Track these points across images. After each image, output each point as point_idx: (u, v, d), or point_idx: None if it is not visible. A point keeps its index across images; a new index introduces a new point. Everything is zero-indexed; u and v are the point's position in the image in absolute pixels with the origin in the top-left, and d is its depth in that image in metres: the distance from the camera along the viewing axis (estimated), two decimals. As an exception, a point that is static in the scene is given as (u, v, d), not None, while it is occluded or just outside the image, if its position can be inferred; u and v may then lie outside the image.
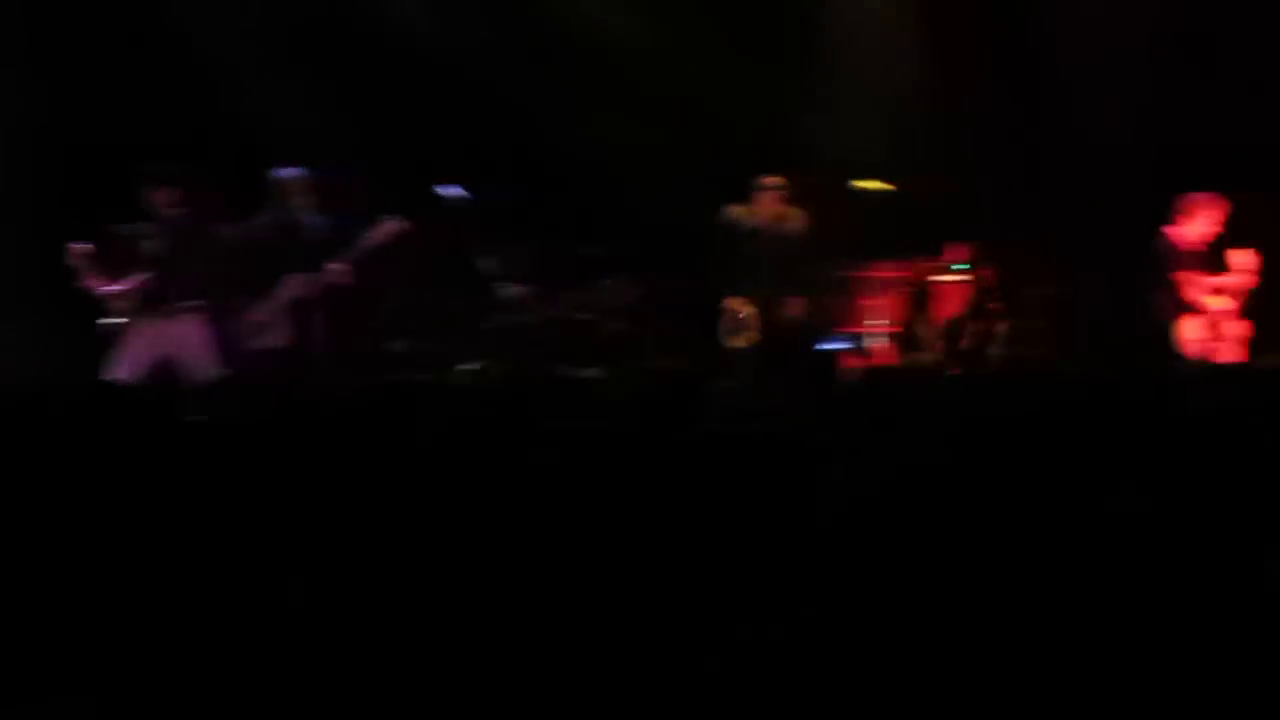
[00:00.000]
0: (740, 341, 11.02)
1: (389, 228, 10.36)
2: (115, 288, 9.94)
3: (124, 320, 9.91)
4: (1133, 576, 3.68)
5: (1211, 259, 10.69)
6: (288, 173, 10.42)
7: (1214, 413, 5.04)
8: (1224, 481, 4.18)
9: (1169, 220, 10.72)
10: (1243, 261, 10.66)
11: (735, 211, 11.45)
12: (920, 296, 12.21)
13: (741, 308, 11.31)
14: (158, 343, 9.90)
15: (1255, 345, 10.62)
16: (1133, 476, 4.24)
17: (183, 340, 9.91)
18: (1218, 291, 10.63)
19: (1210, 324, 10.56)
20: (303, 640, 3.68)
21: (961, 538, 3.79)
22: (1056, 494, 4.06)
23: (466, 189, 11.53)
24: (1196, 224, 10.65)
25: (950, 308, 12.15)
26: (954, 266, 12.51)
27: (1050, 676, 3.39)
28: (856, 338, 11.92)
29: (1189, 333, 10.55)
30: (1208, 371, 9.11)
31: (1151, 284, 10.68)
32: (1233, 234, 10.72)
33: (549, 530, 4.00)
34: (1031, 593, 3.61)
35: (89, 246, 9.93)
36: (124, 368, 9.75)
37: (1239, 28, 11.82)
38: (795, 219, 11.36)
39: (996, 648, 3.45)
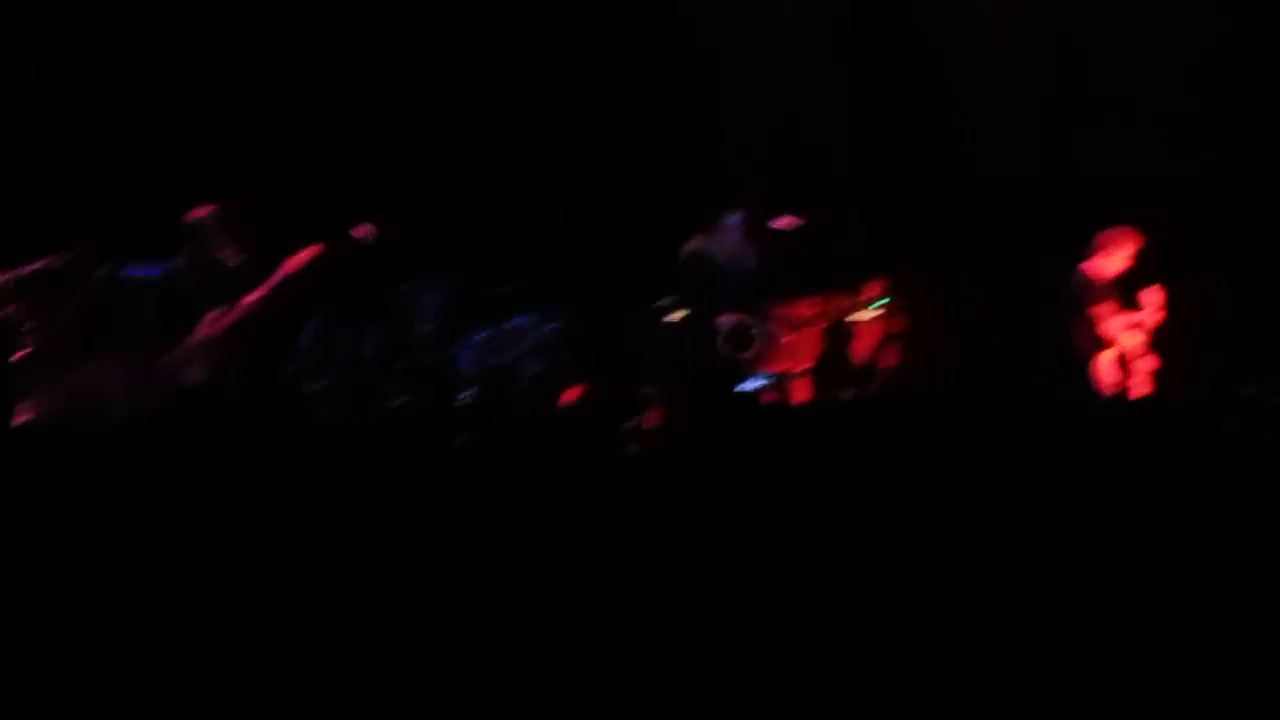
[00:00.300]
0: (749, 355, 10.71)
1: (304, 254, 10.34)
2: (37, 323, 9.87)
3: (41, 358, 9.84)
4: (1045, 604, 3.71)
5: (1126, 294, 10.79)
6: (203, 211, 10.39)
7: (1127, 446, 5.09)
8: (1138, 511, 4.22)
9: (1085, 255, 10.81)
10: (1153, 297, 10.78)
11: (701, 241, 11.15)
12: (837, 333, 12.22)
13: (745, 320, 10.93)
14: (74, 382, 9.82)
15: (1163, 379, 10.71)
16: (1048, 507, 4.28)
17: (99, 380, 9.84)
18: (1132, 326, 10.74)
19: (1125, 358, 10.65)
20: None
21: (876, 566, 3.81)
22: (972, 525, 4.09)
23: (381, 226, 11.45)
24: (1112, 258, 10.74)
25: (867, 343, 12.17)
26: (870, 302, 12.56)
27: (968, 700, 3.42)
28: (774, 375, 11.91)
29: (1104, 367, 10.64)
30: (1122, 405, 9.19)
31: (1068, 318, 10.76)
32: (1143, 269, 10.83)
33: (479, 562, 3.99)
34: (947, 616, 3.64)
35: (11, 277, 9.89)
36: (38, 407, 9.66)
37: (1151, 62, 11.95)
38: (751, 251, 11.16)
39: (918, 669, 3.47)
